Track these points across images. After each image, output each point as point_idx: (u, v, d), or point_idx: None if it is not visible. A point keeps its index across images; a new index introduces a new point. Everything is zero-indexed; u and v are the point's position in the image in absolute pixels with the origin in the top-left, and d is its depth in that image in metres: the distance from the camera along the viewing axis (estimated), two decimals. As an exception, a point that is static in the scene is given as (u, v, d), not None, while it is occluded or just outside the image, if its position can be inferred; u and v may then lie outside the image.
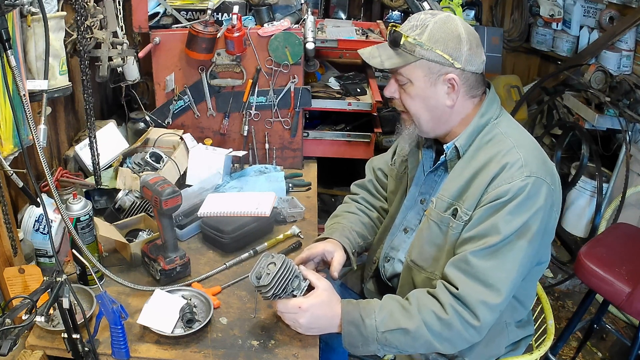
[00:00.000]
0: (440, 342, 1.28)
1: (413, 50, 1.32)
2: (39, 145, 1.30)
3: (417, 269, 1.45)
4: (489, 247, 1.26)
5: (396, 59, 1.35)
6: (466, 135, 1.37)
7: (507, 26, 4.10)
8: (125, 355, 1.28)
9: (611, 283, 2.05)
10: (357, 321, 1.31)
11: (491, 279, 1.26)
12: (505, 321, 1.44)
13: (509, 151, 1.30)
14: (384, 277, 1.61)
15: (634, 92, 2.71)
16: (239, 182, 2.00)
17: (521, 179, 1.25)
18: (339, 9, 3.62)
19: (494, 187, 1.28)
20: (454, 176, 1.38)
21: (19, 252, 1.46)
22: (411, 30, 1.33)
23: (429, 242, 1.41)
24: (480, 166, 1.32)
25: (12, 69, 1.29)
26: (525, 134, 1.39)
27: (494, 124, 1.37)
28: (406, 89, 1.37)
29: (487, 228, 1.27)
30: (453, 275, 1.29)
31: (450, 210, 1.36)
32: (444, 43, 1.31)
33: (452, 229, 1.35)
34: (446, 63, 1.31)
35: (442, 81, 1.33)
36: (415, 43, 1.31)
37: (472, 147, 1.36)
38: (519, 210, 1.25)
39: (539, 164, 1.29)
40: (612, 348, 2.64)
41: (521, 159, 1.28)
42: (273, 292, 1.30)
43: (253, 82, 2.12)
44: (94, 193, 1.87)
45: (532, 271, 1.37)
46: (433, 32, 1.31)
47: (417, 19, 1.35)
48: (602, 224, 2.88)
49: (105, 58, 1.98)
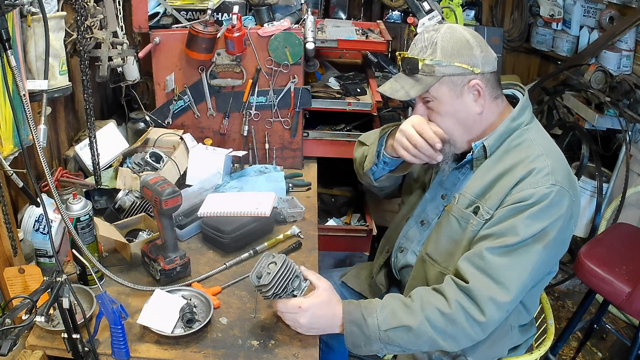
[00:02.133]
0: (443, 338, 1.29)
1: (432, 71, 1.32)
2: (39, 145, 1.30)
3: (431, 263, 1.45)
4: (505, 246, 1.27)
5: (419, 86, 1.35)
6: (496, 136, 1.37)
7: (507, 26, 4.10)
8: (125, 355, 1.28)
9: (611, 283, 2.05)
10: (359, 320, 1.31)
11: (503, 276, 1.26)
12: (511, 324, 1.45)
13: (537, 157, 1.32)
14: (394, 268, 1.61)
15: (634, 92, 2.71)
16: (239, 182, 2.00)
17: (546, 186, 1.27)
18: (339, 9, 3.62)
19: (519, 190, 1.29)
20: (479, 175, 1.39)
21: (19, 252, 1.46)
22: (422, 52, 1.34)
23: (447, 237, 1.42)
24: (507, 168, 1.34)
25: (12, 69, 1.28)
26: (553, 144, 1.40)
27: (524, 130, 1.38)
28: (435, 109, 1.38)
29: (506, 228, 1.28)
30: (465, 269, 1.30)
31: (472, 208, 1.37)
32: (459, 54, 1.32)
33: (472, 225, 1.36)
34: (467, 72, 1.32)
35: (467, 91, 1.34)
36: (433, 63, 1.32)
37: (501, 149, 1.38)
38: (540, 215, 1.26)
39: (564, 175, 1.31)
40: (612, 348, 2.64)
41: (548, 167, 1.29)
42: (273, 292, 1.30)
43: (253, 82, 2.11)
44: (94, 193, 1.86)
45: (541, 279, 1.39)
46: (444, 47, 1.32)
47: (423, 40, 1.35)
48: (602, 224, 2.89)
49: (105, 58, 1.97)
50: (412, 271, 1.53)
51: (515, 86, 1.51)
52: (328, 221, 2.54)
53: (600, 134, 3.12)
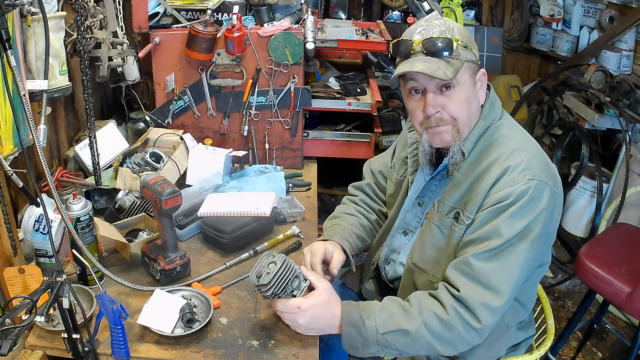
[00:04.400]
0: (440, 343, 1.28)
1: (459, 54, 1.27)
2: (39, 145, 1.30)
3: (419, 272, 1.44)
4: (490, 249, 1.26)
5: (452, 68, 1.26)
6: (472, 139, 1.35)
7: (507, 26, 4.10)
8: (125, 355, 1.28)
9: (611, 283, 2.04)
10: (357, 322, 1.31)
11: (492, 281, 1.25)
12: (507, 323, 1.44)
13: (511, 154, 1.29)
14: (385, 279, 1.61)
15: (634, 92, 2.71)
16: (239, 182, 2.00)
17: (523, 182, 1.25)
18: (339, 9, 3.62)
19: (497, 190, 1.27)
20: (456, 180, 1.37)
21: (19, 252, 1.46)
22: (444, 34, 1.27)
23: (431, 245, 1.41)
24: (482, 169, 1.32)
25: (12, 69, 1.28)
26: (526, 137, 1.38)
27: (495, 127, 1.36)
28: (453, 96, 1.30)
29: (489, 231, 1.27)
30: (454, 277, 1.29)
31: (453, 214, 1.36)
32: (471, 41, 1.30)
33: (454, 232, 1.35)
34: (476, 61, 1.31)
35: (476, 80, 1.32)
36: (462, 45, 1.27)
37: (475, 150, 1.35)
38: (521, 213, 1.25)
39: (541, 167, 1.28)
40: (612, 348, 2.64)
41: (523, 162, 1.27)
42: (273, 291, 1.30)
43: (253, 82, 2.12)
44: (94, 193, 1.87)
45: (533, 273, 1.37)
46: (461, 33, 1.29)
47: (438, 25, 1.29)
48: (602, 224, 2.88)
49: (105, 58, 1.98)
50: (401, 281, 1.52)
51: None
52: (328, 221, 2.54)
53: (600, 134, 3.12)
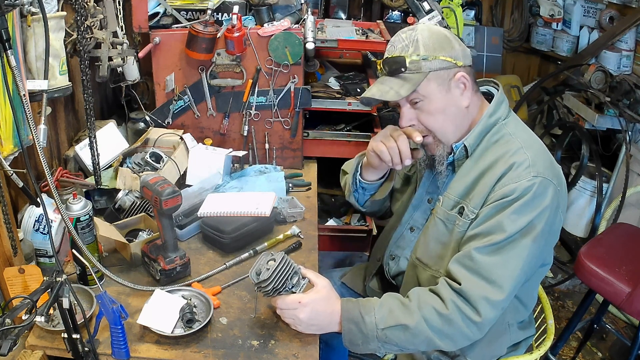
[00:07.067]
0: (440, 338, 1.29)
1: (419, 68, 1.31)
2: (39, 145, 1.30)
3: (422, 267, 1.45)
4: (493, 244, 1.27)
5: (408, 84, 1.32)
6: (475, 134, 1.37)
7: (507, 26, 4.10)
8: (125, 355, 1.28)
9: (611, 283, 2.05)
10: (356, 318, 1.32)
11: (494, 275, 1.26)
12: (508, 322, 1.45)
13: (517, 151, 1.31)
14: (387, 275, 1.61)
15: (634, 92, 2.72)
16: (239, 182, 2.00)
17: (528, 179, 1.26)
18: (339, 9, 3.62)
19: (501, 186, 1.29)
20: (461, 175, 1.39)
21: (19, 252, 1.46)
22: (405, 50, 1.32)
23: (435, 240, 1.42)
24: (487, 165, 1.33)
25: (12, 69, 1.28)
26: (532, 136, 1.39)
27: (502, 124, 1.38)
28: (423, 109, 1.35)
29: (492, 226, 1.28)
30: (456, 271, 1.30)
31: (457, 209, 1.37)
32: (441, 47, 1.31)
33: (458, 227, 1.36)
34: (451, 66, 1.32)
35: (453, 84, 1.33)
36: (419, 59, 1.30)
37: (480, 147, 1.37)
38: (524, 209, 1.26)
39: (546, 165, 1.30)
40: (612, 348, 2.64)
41: (529, 160, 1.29)
42: (272, 287, 1.30)
43: (253, 82, 2.12)
44: (94, 193, 1.87)
45: (535, 273, 1.38)
46: (426, 42, 1.31)
47: (402, 40, 1.34)
48: (602, 224, 2.88)
49: (105, 58, 1.97)
50: (404, 276, 1.53)
51: (489, 82, 1.50)
52: (328, 221, 2.54)
53: (600, 134, 3.12)
